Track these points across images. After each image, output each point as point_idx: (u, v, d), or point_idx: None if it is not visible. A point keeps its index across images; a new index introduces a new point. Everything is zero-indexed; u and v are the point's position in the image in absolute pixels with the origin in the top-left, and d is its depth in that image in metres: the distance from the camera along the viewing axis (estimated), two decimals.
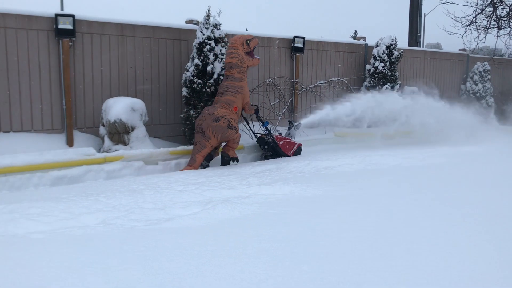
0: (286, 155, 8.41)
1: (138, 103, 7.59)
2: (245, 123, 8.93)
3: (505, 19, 15.36)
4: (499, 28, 15.42)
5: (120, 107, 7.33)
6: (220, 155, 7.85)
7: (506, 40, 15.68)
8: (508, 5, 15.26)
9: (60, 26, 7.31)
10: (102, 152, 7.22)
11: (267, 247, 3.60)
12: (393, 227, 4.16)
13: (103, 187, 5.89)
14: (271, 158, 8.32)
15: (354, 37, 23.99)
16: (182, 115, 8.27)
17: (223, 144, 7.79)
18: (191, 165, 7.33)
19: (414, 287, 2.90)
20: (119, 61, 8.05)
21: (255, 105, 8.65)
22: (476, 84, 14.11)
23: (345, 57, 11.51)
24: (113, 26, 7.93)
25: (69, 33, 7.40)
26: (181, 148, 7.61)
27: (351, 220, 4.37)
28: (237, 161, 7.84)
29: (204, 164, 7.56)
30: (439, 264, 3.21)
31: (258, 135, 8.62)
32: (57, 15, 7.30)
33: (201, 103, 7.94)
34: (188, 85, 7.99)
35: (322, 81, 11.04)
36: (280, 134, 8.88)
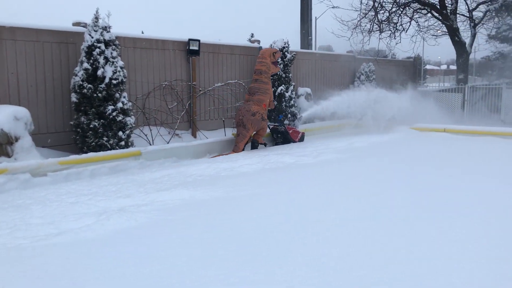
0: (294, 141, 10.31)
1: (22, 111, 7.04)
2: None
3: (386, 23, 16.65)
4: (381, 31, 16.68)
5: (2, 117, 6.74)
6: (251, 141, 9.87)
7: (387, 42, 17.03)
8: (388, 10, 16.55)
9: None
10: None
11: (167, 254, 3.54)
12: (290, 223, 4.30)
13: None
14: (281, 144, 10.19)
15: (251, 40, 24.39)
16: (72, 122, 7.82)
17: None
18: (235, 151, 9.29)
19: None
20: None
21: (274, 102, 10.61)
22: (363, 83, 15.07)
23: (241, 59, 11.67)
24: None
25: None
26: (72, 157, 7.16)
27: (248, 219, 4.44)
28: (265, 145, 10.01)
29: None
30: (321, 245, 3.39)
31: (271, 126, 10.45)
32: None
33: (93, 109, 7.57)
34: (78, 90, 7.58)
35: (219, 84, 11.09)
36: (288, 125, 10.92)
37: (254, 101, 9.61)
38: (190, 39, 10.11)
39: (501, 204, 4.95)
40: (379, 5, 16.30)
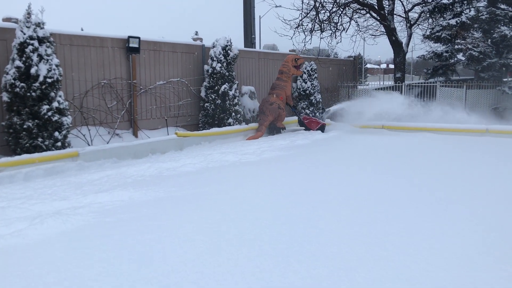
0: (311, 129, 12.25)
1: None
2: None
3: (327, 22, 17.01)
4: (322, 30, 17.03)
5: None
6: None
7: (328, 42, 17.44)
8: (329, 10, 16.93)
9: None
10: None
11: (102, 258, 3.44)
12: (232, 222, 4.31)
13: None
14: (305, 131, 12.18)
15: (194, 39, 24.09)
16: (4, 123, 7.44)
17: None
18: (259, 131, 11.45)
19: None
20: None
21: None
22: (306, 82, 15.31)
23: (183, 57, 11.54)
24: None
25: None
26: (4, 159, 6.78)
27: (189, 220, 4.40)
28: (284, 129, 12.26)
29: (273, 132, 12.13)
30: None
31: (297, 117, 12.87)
32: None
33: (26, 109, 7.23)
34: (9, 89, 7.22)
35: (161, 82, 10.91)
36: (309, 115, 13.58)
37: (274, 94, 12.10)
38: (129, 36, 9.88)
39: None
40: (320, 5, 16.63)
